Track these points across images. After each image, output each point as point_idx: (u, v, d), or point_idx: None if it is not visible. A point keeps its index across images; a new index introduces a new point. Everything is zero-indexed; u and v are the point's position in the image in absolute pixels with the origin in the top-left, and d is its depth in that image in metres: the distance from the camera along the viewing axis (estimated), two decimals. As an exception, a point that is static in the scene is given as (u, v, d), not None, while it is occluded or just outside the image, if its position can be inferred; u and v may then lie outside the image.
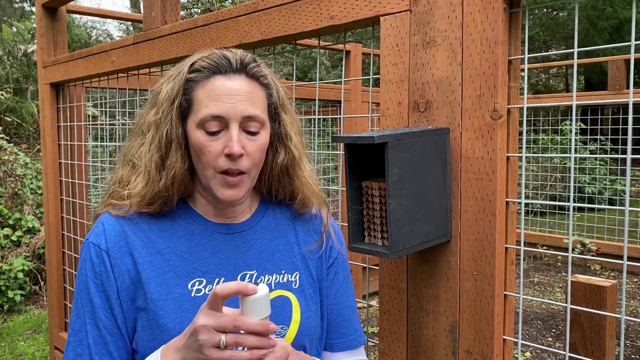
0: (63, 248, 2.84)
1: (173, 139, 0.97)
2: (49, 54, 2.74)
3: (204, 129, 0.94)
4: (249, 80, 0.97)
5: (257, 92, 0.97)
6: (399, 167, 1.00)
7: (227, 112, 0.92)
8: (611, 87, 5.28)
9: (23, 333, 4.10)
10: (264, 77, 0.99)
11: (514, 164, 1.12)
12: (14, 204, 5.02)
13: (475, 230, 1.10)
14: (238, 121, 0.93)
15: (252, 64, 0.98)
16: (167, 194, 0.98)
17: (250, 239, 1.05)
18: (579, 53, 0.98)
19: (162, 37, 1.88)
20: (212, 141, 0.93)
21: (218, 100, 0.93)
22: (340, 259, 1.14)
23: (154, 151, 0.98)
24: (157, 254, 0.98)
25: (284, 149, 1.04)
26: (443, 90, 1.13)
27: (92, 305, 0.96)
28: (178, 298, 0.95)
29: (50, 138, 2.76)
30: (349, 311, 1.14)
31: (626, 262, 0.98)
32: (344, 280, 1.15)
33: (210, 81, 0.95)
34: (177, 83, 0.97)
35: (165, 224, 1.01)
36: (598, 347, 1.62)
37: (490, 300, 1.08)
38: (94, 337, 0.95)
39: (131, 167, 1.01)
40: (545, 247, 5.69)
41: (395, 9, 1.19)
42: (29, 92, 7.73)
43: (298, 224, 1.12)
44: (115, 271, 0.96)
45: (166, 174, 0.97)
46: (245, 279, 1.02)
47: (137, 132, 1.03)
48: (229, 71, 0.95)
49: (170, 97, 0.97)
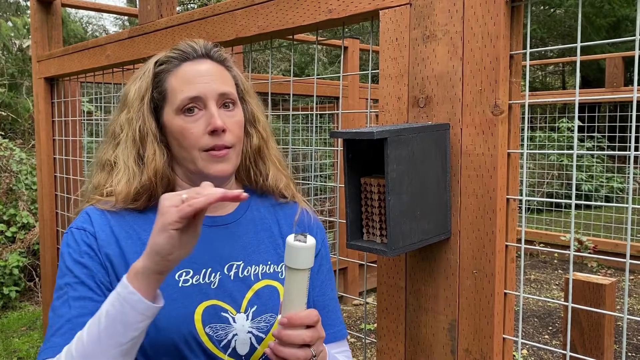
0: (58, 244, 2.82)
1: (147, 132, 1.00)
2: (44, 48, 2.71)
3: (183, 114, 0.97)
4: (215, 63, 1.03)
5: (225, 73, 1.03)
6: (398, 163, 0.99)
7: (203, 92, 0.97)
8: (609, 85, 5.27)
9: (17, 329, 4.08)
10: (227, 61, 1.06)
11: (515, 161, 1.11)
12: (8, 200, 4.99)
13: (475, 228, 1.08)
14: (215, 99, 0.98)
15: (214, 48, 1.04)
16: (151, 187, 0.99)
17: (235, 231, 1.06)
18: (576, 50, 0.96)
19: (158, 30, 1.86)
20: (192, 123, 0.97)
21: (192, 83, 0.97)
22: (323, 251, 1.16)
23: (131, 148, 1.00)
24: (143, 245, 0.97)
25: (255, 132, 1.09)
26: (443, 86, 1.11)
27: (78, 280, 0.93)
28: (166, 288, 0.94)
29: (44, 133, 2.74)
30: (333, 303, 1.15)
31: (629, 260, 0.96)
32: (328, 272, 1.16)
33: (181, 68, 1.00)
34: (144, 80, 1.02)
35: (151, 217, 1.01)
36: (596, 345, 1.61)
37: (490, 298, 1.07)
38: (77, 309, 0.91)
39: (109, 169, 1.03)
40: (542, 245, 5.69)
41: (394, 2, 1.17)
42: (24, 87, 7.68)
43: (280, 218, 1.13)
44: (101, 253, 0.95)
45: (147, 166, 0.99)
46: (232, 270, 1.02)
47: (110, 137, 1.05)
48: (196, 57, 1.01)
49: (140, 94, 1.01)
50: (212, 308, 0.97)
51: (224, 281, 1.00)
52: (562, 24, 11.89)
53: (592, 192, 7.07)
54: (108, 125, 1.09)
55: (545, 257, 5.83)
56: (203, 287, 0.98)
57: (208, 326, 0.96)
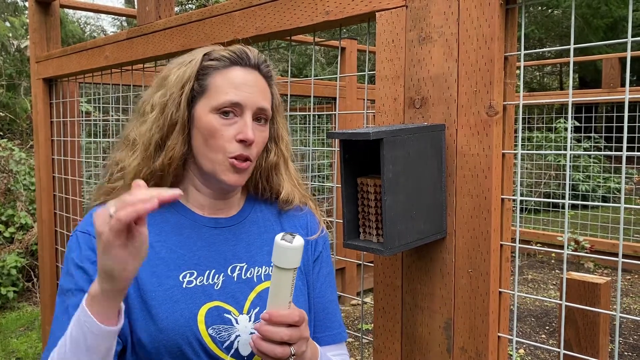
0: (56, 244, 2.83)
1: (178, 121, 1.00)
2: (42, 49, 2.72)
3: (219, 114, 0.98)
4: (262, 77, 1.04)
5: (267, 89, 1.05)
6: (395, 163, 1.00)
7: (244, 100, 0.98)
8: (605, 85, 5.29)
9: (16, 330, 4.08)
10: (271, 79, 1.07)
11: (510, 161, 1.12)
12: (6, 200, 4.99)
13: (470, 227, 1.10)
14: (253, 110, 0.99)
15: (264, 63, 1.05)
16: (161, 174, 1.00)
17: (238, 232, 1.07)
18: (574, 51, 0.98)
19: (156, 32, 1.87)
20: (226, 125, 0.98)
21: (238, 88, 0.99)
22: (324, 253, 1.17)
23: (155, 131, 1.00)
24: (148, 247, 0.98)
25: (275, 149, 1.10)
26: (439, 87, 1.12)
27: (78, 288, 0.94)
28: (169, 289, 0.96)
29: (43, 134, 2.74)
30: (333, 305, 1.16)
31: (621, 259, 0.98)
32: (328, 275, 1.17)
33: (230, 70, 1.01)
34: (189, 68, 1.01)
35: (155, 218, 1.02)
36: (592, 344, 1.62)
37: (485, 297, 1.08)
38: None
39: (131, 147, 1.03)
40: (539, 245, 5.70)
41: (391, 4, 1.19)
42: (22, 88, 7.67)
43: (284, 220, 1.14)
44: None
45: (165, 153, 1.00)
46: (236, 271, 1.03)
47: (139, 113, 1.05)
48: (248, 65, 1.02)
49: (181, 81, 1.00)
50: (215, 309, 0.98)
51: (227, 282, 1.01)
52: (560, 24, 11.92)
53: (589, 192, 7.09)
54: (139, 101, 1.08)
55: (543, 257, 5.85)
56: (207, 288, 0.99)
57: (211, 327, 0.96)
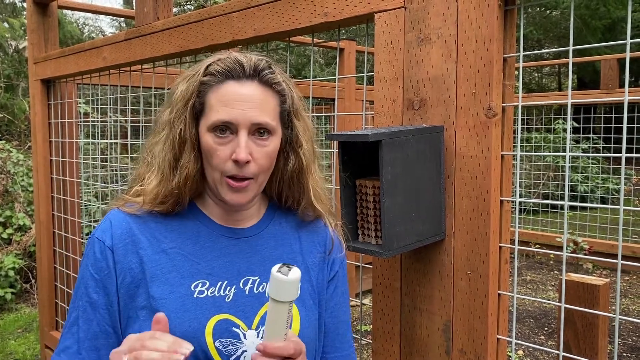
0: (54, 246, 2.82)
1: (187, 139, 0.97)
2: (40, 50, 2.71)
3: (214, 133, 0.95)
4: (262, 86, 0.96)
5: (269, 99, 0.97)
6: (393, 165, 0.99)
7: (236, 118, 0.93)
8: (604, 86, 5.30)
9: (14, 331, 4.07)
10: (277, 84, 0.98)
11: (508, 163, 1.12)
12: (4, 202, 4.98)
13: (469, 229, 1.09)
14: (247, 128, 0.94)
15: (266, 70, 0.97)
16: (179, 193, 0.99)
17: (255, 244, 1.05)
18: (572, 52, 0.97)
19: (154, 33, 1.86)
20: (221, 145, 0.94)
21: (228, 106, 0.93)
22: (340, 273, 1.14)
23: (168, 150, 0.99)
24: (162, 253, 0.98)
25: (295, 155, 1.04)
26: (437, 88, 1.12)
27: (89, 299, 0.96)
28: (180, 298, 0.95)
29: (41, 135, 2.74)
30: (345, 326, 1.13)
31: (620, 261, 0.97)
32: (342, 295, 1.14)
33: (223, 86, 0.95)
34: (191, 84, 0.98)
35: (173, 224, 1.01)
36: (590, 345, 1.62)
37: (484, 299, 1.08)
38: (84, 332, 0.96)
39: (147, 164, 1.03)
40: (537, 246, 5.70)
41: (389, 5, 1.18)
42: (20, 89, 7.66)
43: (303, 234, 1.10)
44: (117, 268, 0.96)
45: (179, 174, 0.98)
46: (248, 285, 1.01)
47: (154, 130, 1.04)
48: (242, 77, 0.95)
49: (184, 98, 0.97)
50: (224, 322, 0.97)
51: (238, 295, 1.00)
52: (559, 25, 11.93)
53: (588, 193, 7.09)
54: (156, 116, 1.07)
55: (542, 258, 5.85)
56: (217, 299, 0.98)
57: (218, 340, 0.95)
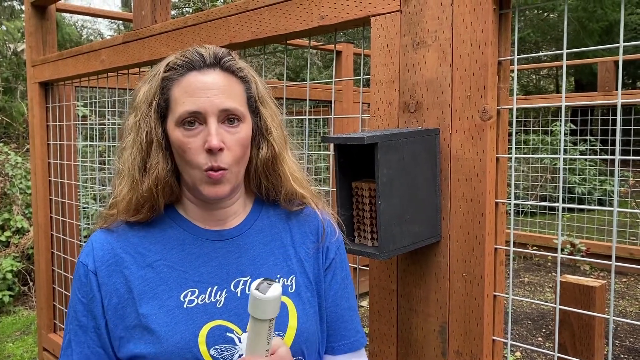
0: (52, 248, 2.82)
1: (153, 139, 0.96)
2: (38, 52, 2.72)
3: (183, 127, 0.93)
4: (225, 73, 0.96)
5: (234, 85, 0.96)
6: (389, 167, 1.00)
7: (203, 107, 0.92)
8: (601, 89, 5.32)
9: (12, 334, 4.07)
10: (239, 70, 0.98)
11: (504, 165, 1.12)
12: (3, 204, 4.98)
13: (465, 231, 1.10)
14: (215, 115, 0.92)
15: (226, 57, 0.97)
16: (152, 197, 0.97)
17: (243, 244, 1.02)
18: (569, 54, 0.98)
19: (152, 36, 1.87)
20: (191, 137, 0.93)
21: (194, 95, 0.92)
22: (337, 259, 1.10)
23: (136, 154, 0.97)
24: (148, 267, 0.97)
25: (266, 143, 1.02)
26: (433, 91, 1.13)
27: (79, 323, 0.96)
28: (171, 311, 0.94)
29: (39, 137, 2.74)
30: (349, 312, 1.10)
31: (614, 262, 0.98)
32: (342, 281, 1.10)
33: (185, 78, 0.94)
34: (153, 84, 0.97)
35: (156, 235, 1.00)
36: (587, 347, 1.63)
37: (480, 301, 1.08)
38: (78, 354, 0.96)
39: (118, 172, 1.01)
40: (535, 248, 5.71)
41: (385, 9, 1.19)
42: (19, 92, 7.67)
43: (293, 225, 1.08)
44: (102, 290, 0.96)
45: (149, 176, 0.96)
46: (239, 286, 0.99)
47: (122, 137, 1.03)
48: (203, 66, 0.95)
49: (147, 99, 0.97)
50: (217, 329, 0.95)
51: (230, 299, 0.98)
52: (556, 27, 11.97)
53: (586, 195, 7.11)
54: (123, 123, 1.05)
55: (539, 260, 5.86)
56: (208, 307, 0.96)
57: (213, 348, 0.94)
